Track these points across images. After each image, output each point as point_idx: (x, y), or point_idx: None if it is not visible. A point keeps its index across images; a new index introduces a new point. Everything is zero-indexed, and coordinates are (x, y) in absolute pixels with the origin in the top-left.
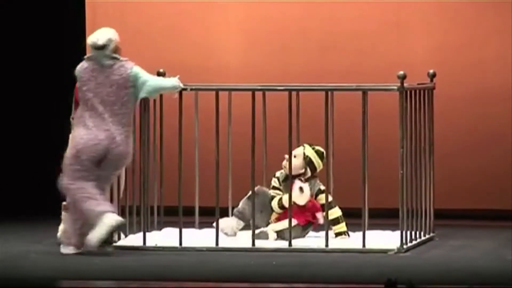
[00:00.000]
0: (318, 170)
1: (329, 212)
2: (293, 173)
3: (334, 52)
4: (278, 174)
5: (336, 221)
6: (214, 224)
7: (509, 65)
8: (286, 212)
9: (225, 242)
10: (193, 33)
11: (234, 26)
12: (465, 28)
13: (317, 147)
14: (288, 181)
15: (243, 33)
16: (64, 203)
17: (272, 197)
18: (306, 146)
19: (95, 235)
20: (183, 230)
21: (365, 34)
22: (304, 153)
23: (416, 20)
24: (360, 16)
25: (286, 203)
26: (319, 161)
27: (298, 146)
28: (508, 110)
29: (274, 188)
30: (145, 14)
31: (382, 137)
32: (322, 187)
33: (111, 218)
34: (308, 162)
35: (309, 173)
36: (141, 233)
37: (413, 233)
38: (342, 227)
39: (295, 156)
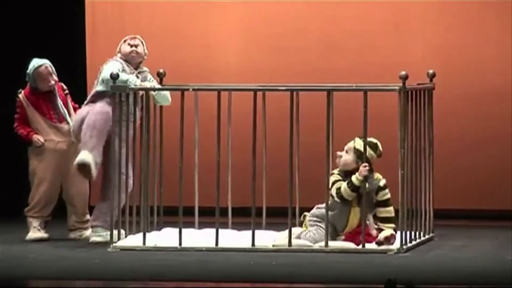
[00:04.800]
0: (372, 161)
1: (386, 209)
2: (346, 168)
3: (334, 51)
4: (336, 171)
5: (387, 220)
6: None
7: (509, 65)
8: (353, 234)
9: (225, 242)
10: (193, 33)
11: (234, 26)
12: (465, 28)
13: (369, 139)
14: (347, 178)
15: (243, 33)
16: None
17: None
18: (356, 139)
19: None
20: (183, 230)
21: (365, 34)
22: (354, 147)
23: (416, 20)
24: (360, 16)
25: (344, 193)
26: (372, 152)
27: (299, 146)
28: (508, 110)
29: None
30: (144, 14)
31: (382, 137)
32: (382, 183)
33: None
34: (358, 155)
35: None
36: (141, 233)
37: (412, 233)
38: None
39: (346, 152)
